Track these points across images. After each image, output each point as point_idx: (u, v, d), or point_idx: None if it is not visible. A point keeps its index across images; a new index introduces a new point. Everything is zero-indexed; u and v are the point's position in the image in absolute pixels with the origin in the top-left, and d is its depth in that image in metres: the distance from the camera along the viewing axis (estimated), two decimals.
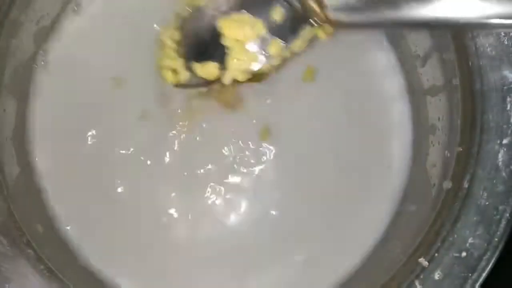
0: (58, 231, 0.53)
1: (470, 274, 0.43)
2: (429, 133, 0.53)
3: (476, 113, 0.45)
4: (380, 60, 0.58)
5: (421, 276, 0.43)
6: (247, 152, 0.55)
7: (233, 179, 0.55)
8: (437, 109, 0.52)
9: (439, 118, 0.52)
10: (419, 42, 0.53)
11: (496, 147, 0.45)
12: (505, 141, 0.45)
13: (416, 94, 0.56)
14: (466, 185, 0.45)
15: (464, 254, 0.43)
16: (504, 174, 0.44)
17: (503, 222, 0.44)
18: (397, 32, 0.56)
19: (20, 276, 0.43)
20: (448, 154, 0.48)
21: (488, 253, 0.43)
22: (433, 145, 0.52)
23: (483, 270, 0.43)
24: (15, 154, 0.51)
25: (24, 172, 0.51)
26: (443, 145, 0.50)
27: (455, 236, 0.44)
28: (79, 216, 0.54)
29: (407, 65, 0.56)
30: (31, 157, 0.54)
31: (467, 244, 0.43)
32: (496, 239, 0.43)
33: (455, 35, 0.47)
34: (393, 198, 0.55)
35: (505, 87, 0.45)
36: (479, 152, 0.45)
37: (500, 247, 0.43)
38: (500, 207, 0.44)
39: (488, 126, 0.45)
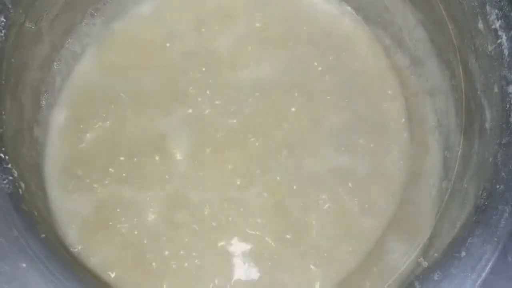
0: (58, 232, 0.53)
1: (469, 274, 0.43)
2: (429, 133, 0.53)
3: (476, 113, 0.45)
4: (379, 60, 0.58)
5: (421, 277, 0.43)
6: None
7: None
8: (436, 109, 0.52)
9: (438, 119, 0.52)
10: (419, 43, 0.54)
11: (495, 146, 0.45)
12: (504, 141, 0.44)
13: (415, 95, 0.56)
14: (465, 185, 0.45)
15: (463, 254, 0.43)
16: (503, 173, 0.44)
17: (502, 222, 0.43)
18: (397, 33, 0.56)
19: (19, 276, 0.43)
20: (448, 154, 0.48)
21: (488, 253, 0.43)
22: (433, 145, 0.52)
23: (483, 270, 0.43)
24: (14, 155, 0.51)
25: (24, 173, 0.51)
26: (443, 145, 0.50)
27: (455, 236, 0.44)
28: (80, 218, 0.54)
29: (406, 65, 0.56)
30: (34, 159, 0.55)
31: (467, 244, 0.43)
32: (496, 239, 0.43)
33: (455, 35, 0.48)
34: (392, 198, 0.55)
35: (504, 87, 0.45)
36: (478, 152, 0.45)
37: (499, 247, 0.43)
38: (500, 207, 0.44)
39: (488, 126, 0.45)
